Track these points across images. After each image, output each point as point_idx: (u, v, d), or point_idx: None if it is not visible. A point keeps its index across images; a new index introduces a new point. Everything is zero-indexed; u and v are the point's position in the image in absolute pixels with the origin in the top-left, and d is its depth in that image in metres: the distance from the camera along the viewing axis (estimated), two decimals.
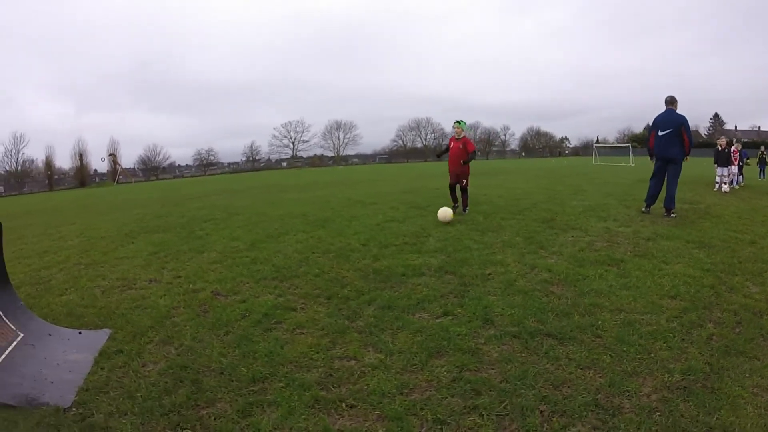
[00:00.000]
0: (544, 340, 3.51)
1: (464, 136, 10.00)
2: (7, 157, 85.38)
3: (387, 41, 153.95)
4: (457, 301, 4.46)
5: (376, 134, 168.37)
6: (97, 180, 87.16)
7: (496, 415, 2.61)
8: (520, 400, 2.74)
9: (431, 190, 16.63)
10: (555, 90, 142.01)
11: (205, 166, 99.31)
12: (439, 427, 2.55)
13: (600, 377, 2.98)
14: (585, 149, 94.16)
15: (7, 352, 4.01)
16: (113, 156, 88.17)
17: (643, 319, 3.84)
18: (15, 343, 4.21)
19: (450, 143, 10.30)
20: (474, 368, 3.16)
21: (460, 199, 10.21)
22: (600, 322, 3.80)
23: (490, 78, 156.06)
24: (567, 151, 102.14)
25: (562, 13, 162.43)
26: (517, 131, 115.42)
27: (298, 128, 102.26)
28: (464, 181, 9.87)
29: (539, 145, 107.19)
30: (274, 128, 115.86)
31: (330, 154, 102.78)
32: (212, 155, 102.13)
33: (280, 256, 6.93)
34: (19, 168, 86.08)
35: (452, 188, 10.26)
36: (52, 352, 4.27)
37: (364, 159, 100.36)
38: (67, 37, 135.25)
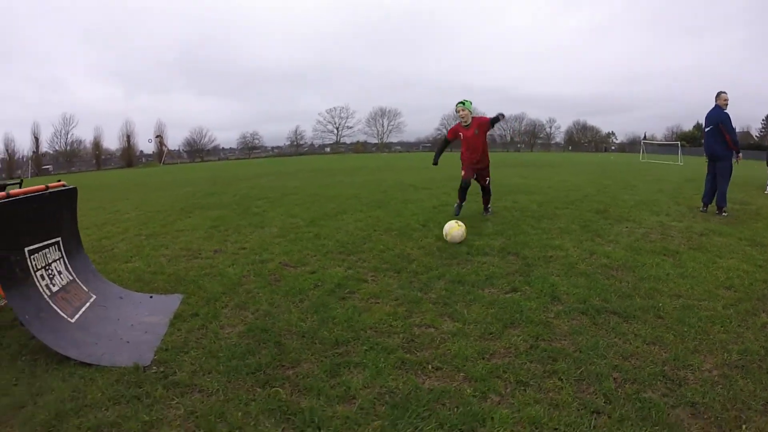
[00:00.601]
0: (610, 318, 3.69)
1: (474, 118, 8.15)
2: (57, 137, 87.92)
3: (434, 29, 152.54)
4: (524, 279, 4.64)
5: (420, 122, 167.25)
6: (143, 161, 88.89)
7: (575, 379, 2.81)
8: (593, 367, 2.93)
9: None
10: (603, 84, 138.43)
11: (250, 149, 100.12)
12: (522, 388, 2.75)
13: (665, 352, 3.14)
14: (631, 145, 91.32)
15: (81, 312, 4.19)
16: (160, 138, 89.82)
17: (700, 305, 3.96)
18: (88, 304, 4.39)
19: (458, 133, 8.27)
20: (548, 338, 3.36)
21: (481, 200, 8.84)
22: (660, 305, 3.94)
23: (538, 69, 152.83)
24: (613, 147, 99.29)
25: (614, 6, 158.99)
26: (563, 124, 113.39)
27: (342, 114, 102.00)
28: (487, 179, 8.36)
29: (585, 140, 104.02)
30: (319, 114, 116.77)
31: (373, 140, 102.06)
32: (257, 139, 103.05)
33: (341, 232, 7.18)
34: (68, 148, 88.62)
35: (466, 187, 8.27)
36: (126, 314, 4.44)
37: (408, 147, 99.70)
38: (117, 21, 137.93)
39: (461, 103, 8.08)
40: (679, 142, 45.06)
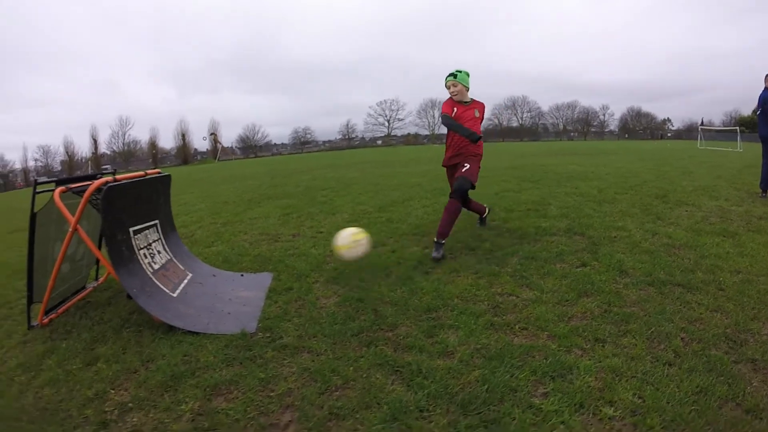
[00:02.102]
0: (675, 289, 3.99)
1: (474, 99, 6.01)
2: (115, 138, 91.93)
3: (484, 17, 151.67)
4: (591, 256, 4.96)
5: None
6: (198, 158, 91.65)
7: (646, 338, 3.16)
8: (662, 328, 3.26)
9: (537, 166, 16.78)
10: (658, 69, 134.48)
11: (302, 144, 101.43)
12: (601, 344, 3.11)
13: (726, 319, 3.42)
14: (688, 132, 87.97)
15: (180, 287, 4.50)
16: (214, 135, 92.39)
17: (759, 280, 4.17)
18: (186, 281, 4.72)
19: (451, 109, 5.87)
20: (619, 305, 3.70)
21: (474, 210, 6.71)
22: (721, 279, 4.18)
23: (590, 55, 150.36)
24: (669, 134, 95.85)
25: None
26: (616, 111, 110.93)
27: (393, 107, 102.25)
28: (466, 166, 5.72)
29: (639, 127, 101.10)
30: (370, 107, 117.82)
31: (425, 132, 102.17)
32: (309, 133, 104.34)
33: (412, 217, 7.58)
34: (125, 148, 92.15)
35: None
36: (221, 289, 4.74)
37: None
38: (170, 23, 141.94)
39: (452, 75, 5.86)
40: (738, 128, 43.27)
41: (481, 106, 6.06)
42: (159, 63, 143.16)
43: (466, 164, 5.76)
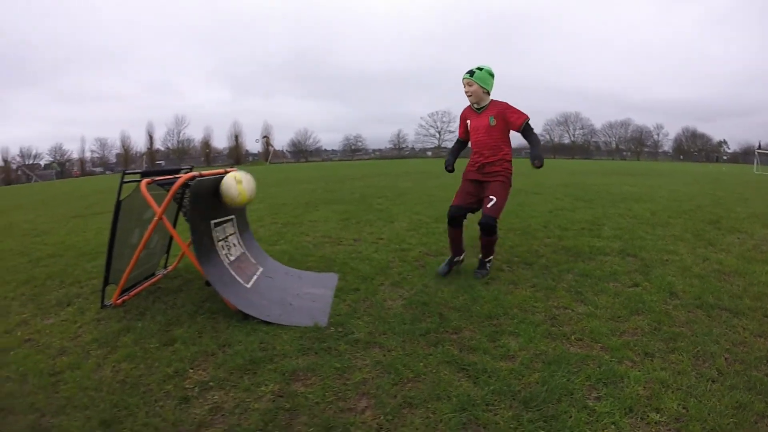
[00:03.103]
0: (722, 313, 4.20)
1: (494, 101, 5.08)
2: (170, 136, 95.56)
3: (539, 30, 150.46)
4: (643, 277, 5.19)
5: None
6: (250, 159, 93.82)
7: (692, 356, 3.41)
8: (708, 348, 3.51)
9: (590, 185, 16.84)
10: (715, 87, 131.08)
11: (353, 151, 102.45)
12: (650, 358, 3.38)
13: None
14: (745, 155, 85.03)
15: (253, 279, 4.79)
16: (267, 138, 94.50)
17: None
18: (258, 274, 5.00)
19: (464, 124, 5.35)
20: (668, 324, 3.95)
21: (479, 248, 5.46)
22: (767, 306, 4.36)
23: (646, 71, 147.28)
24: (725, 157, 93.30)
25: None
26: (671, 131, 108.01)
27: (444, 118, 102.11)
28: (492, 200, 5.04)
29: (694, 148, 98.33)
30: (421, 117, 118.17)
31: None
32: (360, 141, 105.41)
33: (468, 229, 7.78)
34: (180, 146, 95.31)
35: (452, 218, 5.45)
36: (290, 285, 4.99)
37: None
38: (228, 29, 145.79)
39: (468, 72, 4.96)
40: None
41: (499, 108, 5.01)
42: (216, 66, 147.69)
43: (492, 197, 4.99)
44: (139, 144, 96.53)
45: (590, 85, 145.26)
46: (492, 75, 4.99)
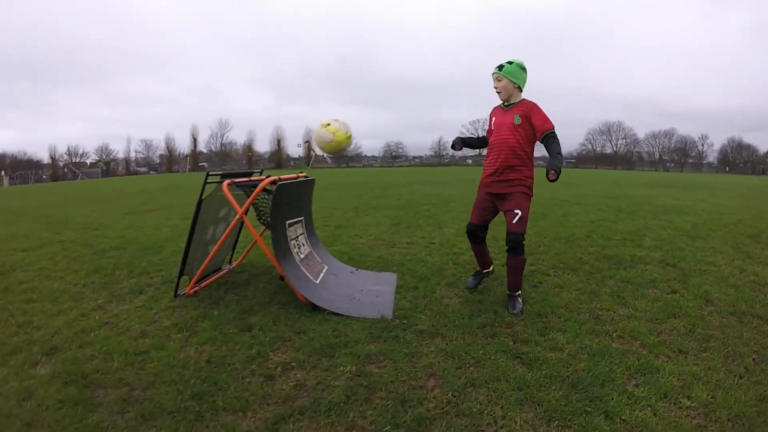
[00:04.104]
0: (754, 320, 4.54)
1: (524, 100, 4.69)
2: (213, 138, 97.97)
3: (582, 38, 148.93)
4: (681, 285, 5.54)
5: (567, 137, 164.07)
6: (291, 163, 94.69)
7: (723, 355, 3.79)
8: (738, 349, 3.88)
9: (633, 197, 16.91)
10: (762, 95, 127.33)
11: (393, 158, 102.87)
12: (684, 355, 3.78)
13: None
14: None
15: (321, 276, 5.16)
16: (308, 143, 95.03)
17: None
18: (324, 271, 5.37)
19: (492, 118, 4.98)
20: (702, 327, 4.32)
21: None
22: None
23: (690, 79, 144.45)
24: None
25: None
26: (716, 141, 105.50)
27: (485, 126, 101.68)
28: (516, 214, 4.63)
29: (740, 159, 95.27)
30: (462, 125, 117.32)
31: None
32: (401, 148, 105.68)
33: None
34: (222, 148, 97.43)
35: (471, 234, 5.30)
36: (354, 282, 5.31)
37: None
38: (272, 36, 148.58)
39: (498, 67, 4.66)
40: None
41: (526, 108, 4.59)
42: (260, 72, 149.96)
43: (517, 210, 4.62)
44: (183, 146, 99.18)
45: (634, 94, 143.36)
46: (524, 69, 4.62)
